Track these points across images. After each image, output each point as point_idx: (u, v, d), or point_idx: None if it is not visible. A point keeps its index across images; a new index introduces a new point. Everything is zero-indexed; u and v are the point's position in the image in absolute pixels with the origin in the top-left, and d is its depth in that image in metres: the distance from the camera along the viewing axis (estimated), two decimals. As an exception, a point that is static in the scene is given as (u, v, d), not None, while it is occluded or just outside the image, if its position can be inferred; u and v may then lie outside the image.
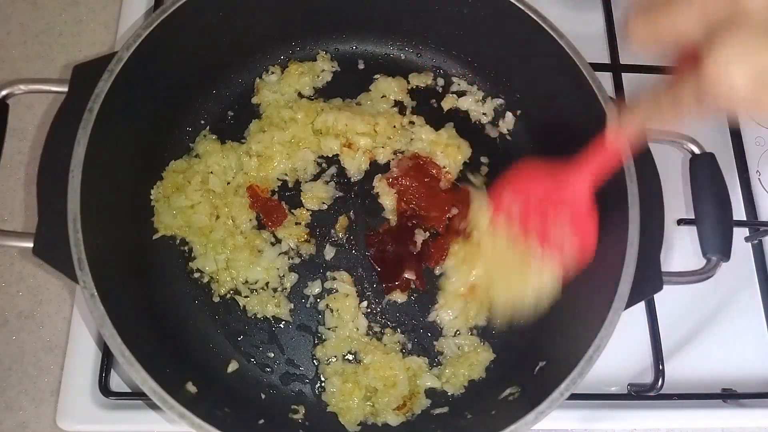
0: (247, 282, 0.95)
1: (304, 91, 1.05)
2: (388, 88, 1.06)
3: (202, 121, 1.03)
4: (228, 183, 0.98)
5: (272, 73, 1.06)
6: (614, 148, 0.70)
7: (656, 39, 0.49)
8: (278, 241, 0.97)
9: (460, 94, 1.08)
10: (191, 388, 0.82)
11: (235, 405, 0.87)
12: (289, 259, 0.97)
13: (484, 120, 1.07)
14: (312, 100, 1.05)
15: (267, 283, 0.95)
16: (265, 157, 0.99)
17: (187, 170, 0.97)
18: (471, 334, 0.94)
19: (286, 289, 0.95)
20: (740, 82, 0.42)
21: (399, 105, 1.06)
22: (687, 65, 0.47)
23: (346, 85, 1.07)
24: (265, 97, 1.04)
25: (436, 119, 1.06)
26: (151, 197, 0.96)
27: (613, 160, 0.74)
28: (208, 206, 0.96)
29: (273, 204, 0.98)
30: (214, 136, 1.02)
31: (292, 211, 0.99)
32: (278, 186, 1.00)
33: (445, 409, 0.90)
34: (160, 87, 0.95)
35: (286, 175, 1.01)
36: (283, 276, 0.96)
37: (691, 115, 0.50)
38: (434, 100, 1.08)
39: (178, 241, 0.96)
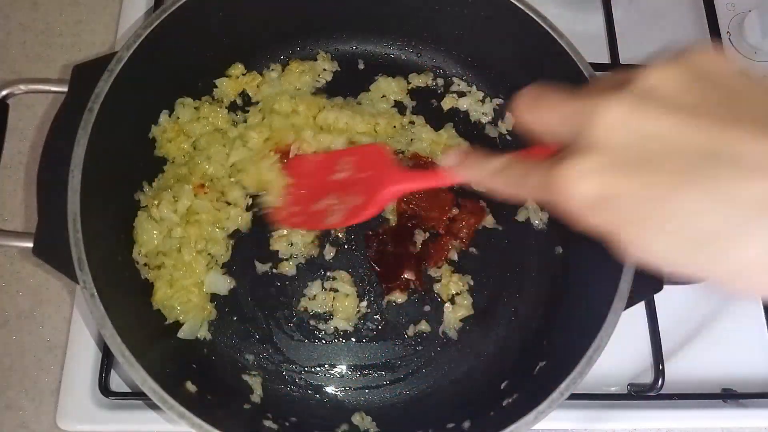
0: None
1: (304, 89, 1.05)
2: (388, 88, 1.06)
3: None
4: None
5: (273, 70, 1.06)
6: (440, 179, 0.71)
7: (532, 123, 0.53)
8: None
9: (460, 94, 1.08)
10: (191, 387, 0.82)
11: (235, 404, 0.87)
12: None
13: (484, 120, 1.07)
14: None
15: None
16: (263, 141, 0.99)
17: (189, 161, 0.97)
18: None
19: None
20: (582, 193, 0.44)
21: (399, 105, 1.06)
22: (548, 153, 0.50)
23: (346, 85, 1.07)
24: (265, 93, 1.04)
25: (436, 119, 1.06)
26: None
27: (431, 185, 0.80)
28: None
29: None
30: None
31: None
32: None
33: (444, 410, 0.90)
34: (160, 87, 0.95)
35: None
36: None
37: (527, 196, 0.54)
38: (434, 100, 1.08)
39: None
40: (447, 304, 0.95)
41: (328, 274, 0.96)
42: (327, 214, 0.87)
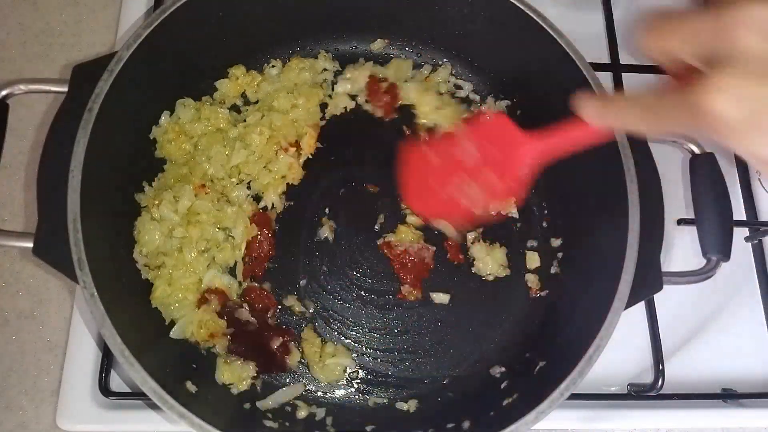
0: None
1: (303, 86, 1.05)
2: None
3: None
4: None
5: (273, 66, 1.06)
6: (583, 132, 0.67)
7: (661, 54, 0.50)
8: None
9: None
10: (191, 387, 0.82)
11: (235, 403, 0.87)
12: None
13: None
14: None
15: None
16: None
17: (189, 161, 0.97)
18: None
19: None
20: (729, 115, 0.42)
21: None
22: (684, 82, 0.47)
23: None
24: (264, 90, 1.04)
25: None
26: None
27: (578, 142, 0.71)
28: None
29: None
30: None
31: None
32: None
33: (444, 410, 0.90)
34: (160, 87, 0.95)
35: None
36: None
37: (670, 129, 0.51)
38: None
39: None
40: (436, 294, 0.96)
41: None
42: (461, 199, 0.83)
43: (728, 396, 0.95)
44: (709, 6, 0.45)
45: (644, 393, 0.91)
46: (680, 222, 1.03)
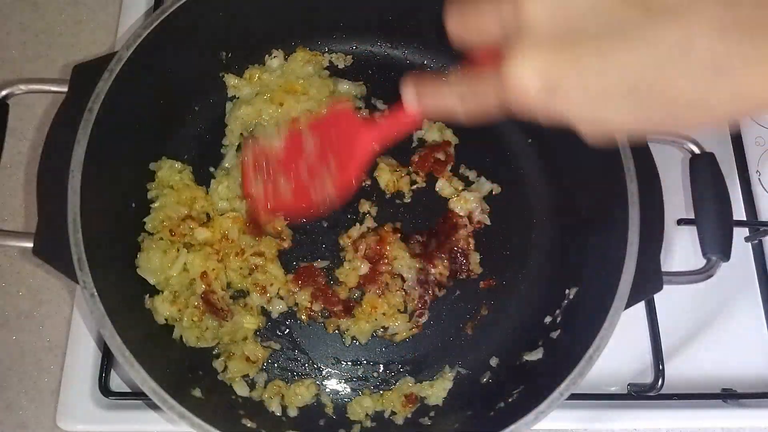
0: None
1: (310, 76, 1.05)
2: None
3: (203, 120, 1.03)
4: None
5: (275, 57, 1.05)
6: (406, 117, 0.68)
7: (466, 35, 0.54)
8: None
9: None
10: (191, 387, 0.82)
11: (235, 403, 0.87)
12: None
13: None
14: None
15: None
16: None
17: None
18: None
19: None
20: (529, 86, 0.45)
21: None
22: (491, 62, 0.50)
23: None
24: (265, 82, 1.03)
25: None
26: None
27: (402, 127, 0.74)
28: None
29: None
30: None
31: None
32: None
33: (444, 410, 0.90)
34: (160, 87, 0.95)
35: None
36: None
37: (486, 110, 0.53)
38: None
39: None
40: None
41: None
42: (310, 189, 0.85)
43: (728, 396, 0.95)
44: None
45: (644, 393, 0.91)
46: (680, 222, 1.03)
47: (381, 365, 0.93)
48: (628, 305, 0.79)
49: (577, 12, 0.43)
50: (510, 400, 0.84)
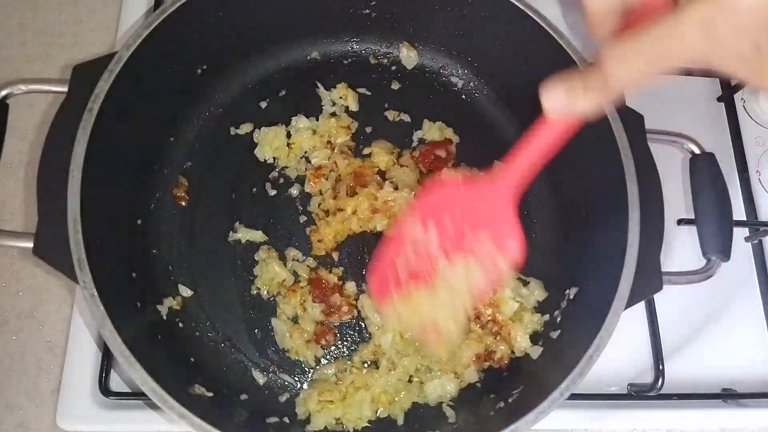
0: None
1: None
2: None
3: (203, 120, 1.04)
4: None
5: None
6: (549, 134, 0.62)
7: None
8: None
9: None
10: (191, 387, 0.82)
11: (236, 403, 0.87)
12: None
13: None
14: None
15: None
16: None
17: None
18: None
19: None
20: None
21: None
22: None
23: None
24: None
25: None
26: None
27: (540, 159, 0.66)
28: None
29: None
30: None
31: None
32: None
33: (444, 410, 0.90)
34: (160, 87, 0.95)
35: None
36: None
37: (682, 54, 0.48)
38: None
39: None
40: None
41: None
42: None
43: (728, 396, 0.95)
44: None
45: (644, 393, 0.91)
46: (680, 222, 1.03)
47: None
48: (628, 305, 0.79)
49: None
50: (510, 400, 0.84)
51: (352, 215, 0.96)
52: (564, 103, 0.54)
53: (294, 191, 1.01)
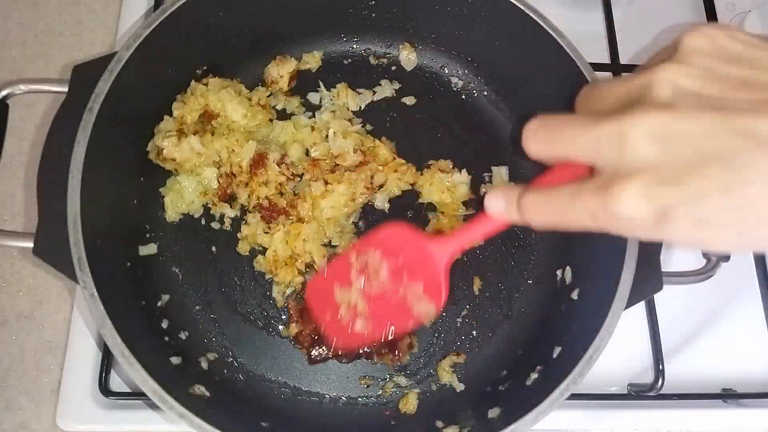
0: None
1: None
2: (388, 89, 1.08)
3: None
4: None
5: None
6: (488, 226, 0.66)
7: (547, 155, 0.52)
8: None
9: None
10: (192, 387, 0.82)
11: (237, 404, 0.87)
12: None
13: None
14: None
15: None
16: None
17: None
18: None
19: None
20: (636, 214, 0.45)
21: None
22: (571, 173, 0.50)
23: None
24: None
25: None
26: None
27: (483, 237, 0.71)
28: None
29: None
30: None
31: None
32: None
33: (443, 410, 0.90)
34: (160, 87, 0.95)
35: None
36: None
37: (574, 227, 0.51)
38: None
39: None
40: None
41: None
42: (387, 319, 0.79)
43: (728, 396, 0.95)
44: (592, 116, 0.47)
45: (644, 393, 0.91)
46: (680, 222, 1.03)
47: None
48: (628, 305, 0.78)
49: (689, 147, 0.43)
50: (510, 400, 0.84)
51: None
52: (501, 210, 0.59)
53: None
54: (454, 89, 1.09)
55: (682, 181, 0.43)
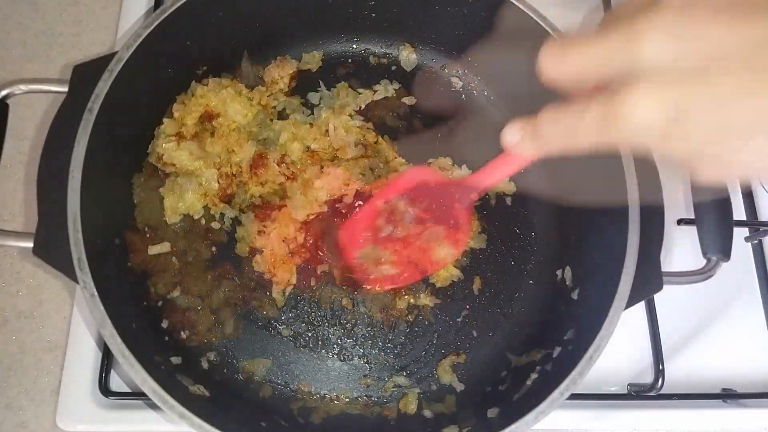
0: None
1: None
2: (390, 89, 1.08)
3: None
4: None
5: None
6: (510, 165, 0.67)
7: (564, 76, 0.50)
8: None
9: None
10: (192, 387, 0.82)
11: (237, 404, 0.87)
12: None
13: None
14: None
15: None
16: None
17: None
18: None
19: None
20: (650, 115, 0.42)
21: (399, 105, 1.07)
22: (594, 94, 0.47)
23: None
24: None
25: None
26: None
27: (504, 176, 0.71)
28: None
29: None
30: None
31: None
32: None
33: (443, 409, 0.90)
34: (160, 87, 0.95)
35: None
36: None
37: (590, 145, 0.49)
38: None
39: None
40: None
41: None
42: (416, 259, 0.82)
43: (728, 396, 0.95)
44: (608, 24, 0.45)
45: (644, 393, 0.91)
46: (680, 222, 1.03)
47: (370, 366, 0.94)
48: (628, 305, 0.79)
49: (708, 45, 0.40)
50: (510, 400, 0.84)
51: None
52: (518, 141, 0.57)
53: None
54: (454, 89, 1.09)
55: (699, 81, 0.40)
